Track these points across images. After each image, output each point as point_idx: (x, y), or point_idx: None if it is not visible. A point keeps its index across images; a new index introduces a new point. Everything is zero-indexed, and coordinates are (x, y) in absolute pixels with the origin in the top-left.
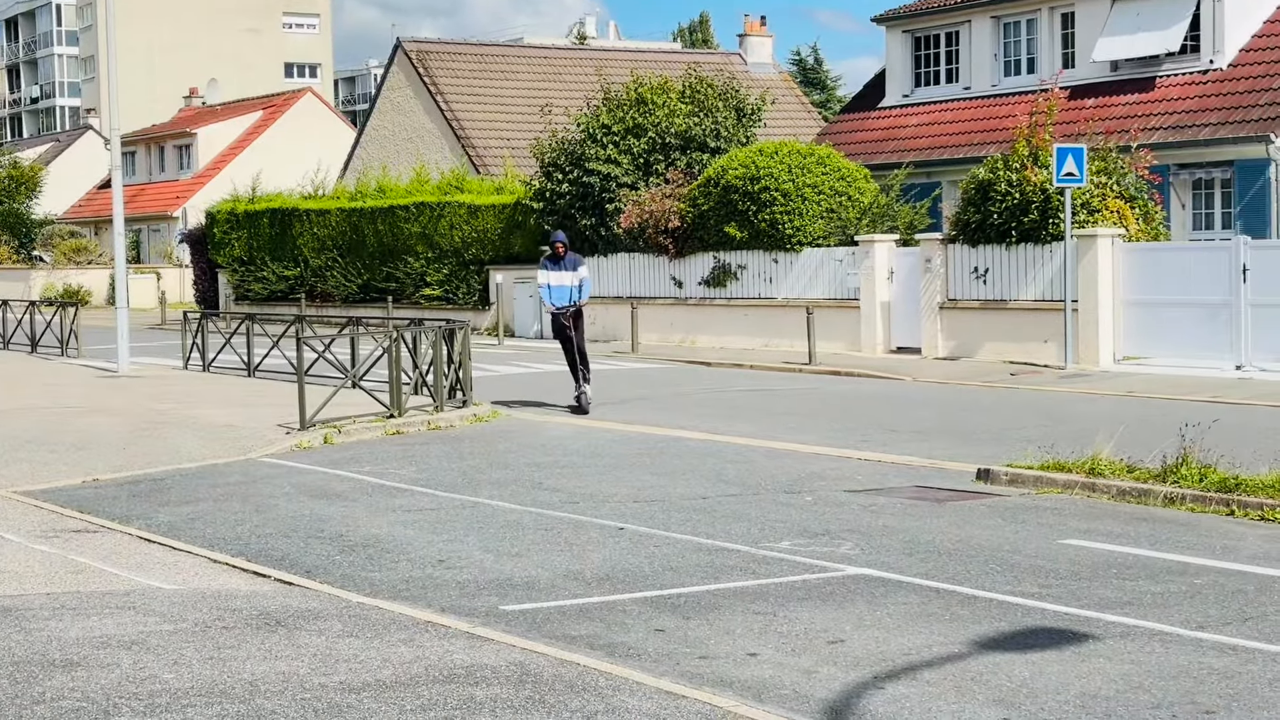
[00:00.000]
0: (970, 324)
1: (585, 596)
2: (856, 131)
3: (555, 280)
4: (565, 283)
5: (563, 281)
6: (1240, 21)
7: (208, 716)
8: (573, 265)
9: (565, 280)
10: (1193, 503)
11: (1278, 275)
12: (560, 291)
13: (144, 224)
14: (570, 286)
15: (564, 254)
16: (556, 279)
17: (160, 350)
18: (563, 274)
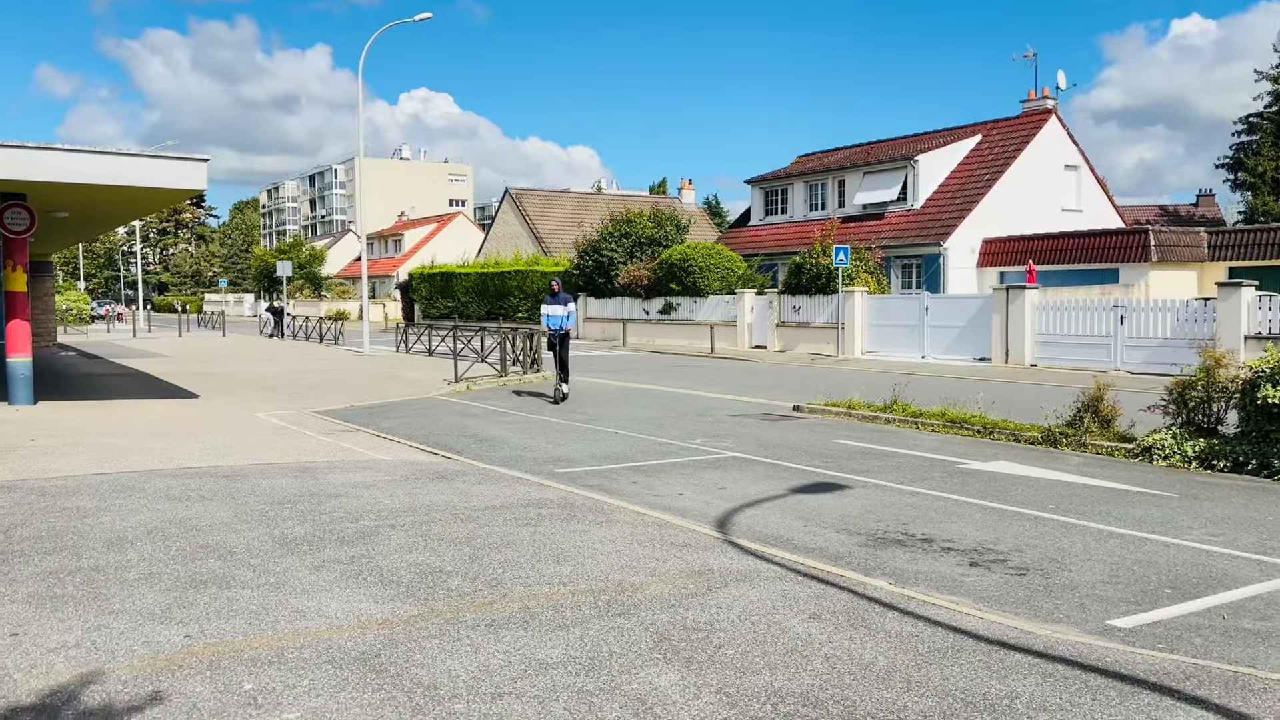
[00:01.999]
0: (791, 334)
1: (597, 466)
2: (736, 238)
3: (550, 311)
4: (557, 313)
5: (555, 312)
6: (929, 184)
7: (407, 520)
8: (564, 301)
9: (558, 311)
10: (899, 423)
11: (942, 312)
12: (553, 319)
13: (377, 279)
14: (561, 316)
15: (558, 292)
16: (551, 310)
17: (385, 342)
18: (556, 307)
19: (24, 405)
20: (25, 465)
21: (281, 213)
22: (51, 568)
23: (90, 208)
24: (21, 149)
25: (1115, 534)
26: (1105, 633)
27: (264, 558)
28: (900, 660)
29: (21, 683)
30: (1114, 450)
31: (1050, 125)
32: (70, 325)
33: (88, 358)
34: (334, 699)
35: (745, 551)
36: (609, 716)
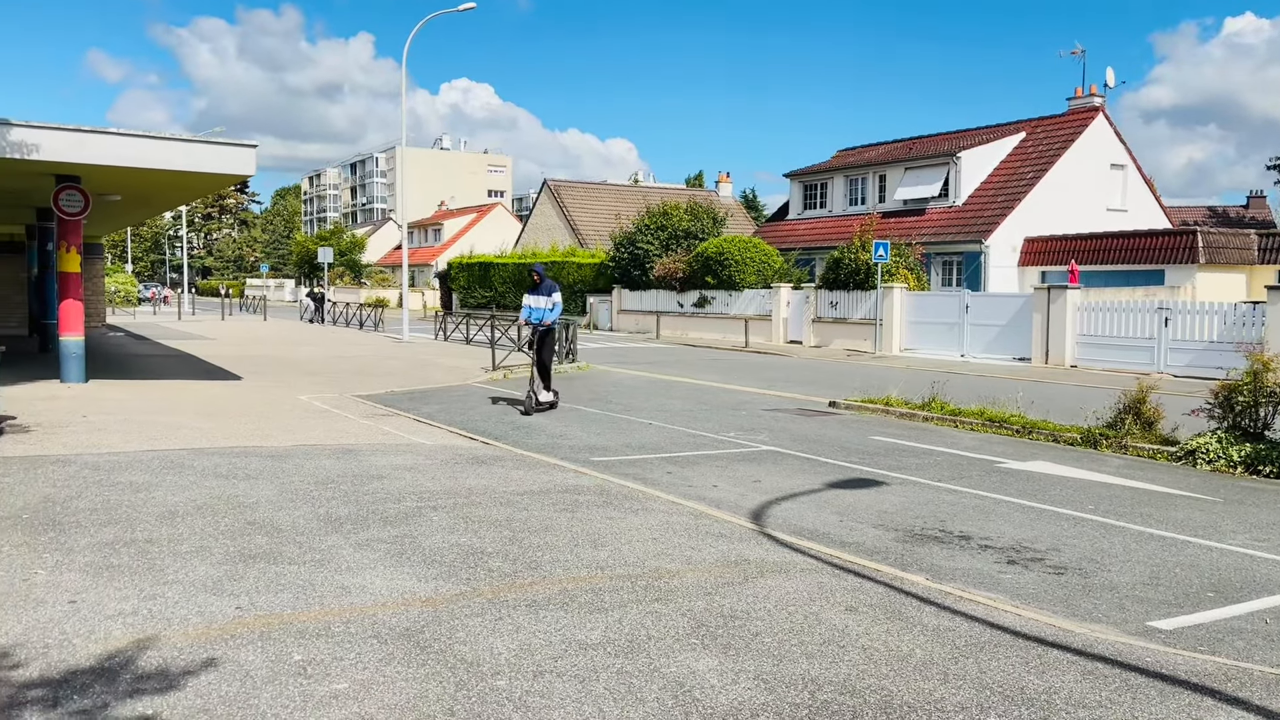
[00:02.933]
0: (827, 330)
1: (632, 455)
2: (773, 232)
3: (533, 303)
4: (540, 305)
5: (537, 303)
6: (971, 181)
7: (448, 502)
8: (548, 291)
9: (540, 303)
10: (937, 420)
11: (982, 310)
12: (535, 311)
13: (416, 267)
14: (543, 308)
15: (540, 281)
16: (534, 301)
17: (424, 330)
18: (538, 298)
19: (76, 383)
20: (79, 441)
21: (323, 200)
22: (107, 539)
23: (141, 191)
24: (78, 132)
25: (1156, 536)
26: (1145, 633)
27: (309, 535)
28: (937, 653)
29: (81, 647)
30: (1156, 453)
31: (1097, 123)
32: (118, 307)
33: (135, 338)
34: (380, 672)
35: (781, 543)
36: (648, 697)
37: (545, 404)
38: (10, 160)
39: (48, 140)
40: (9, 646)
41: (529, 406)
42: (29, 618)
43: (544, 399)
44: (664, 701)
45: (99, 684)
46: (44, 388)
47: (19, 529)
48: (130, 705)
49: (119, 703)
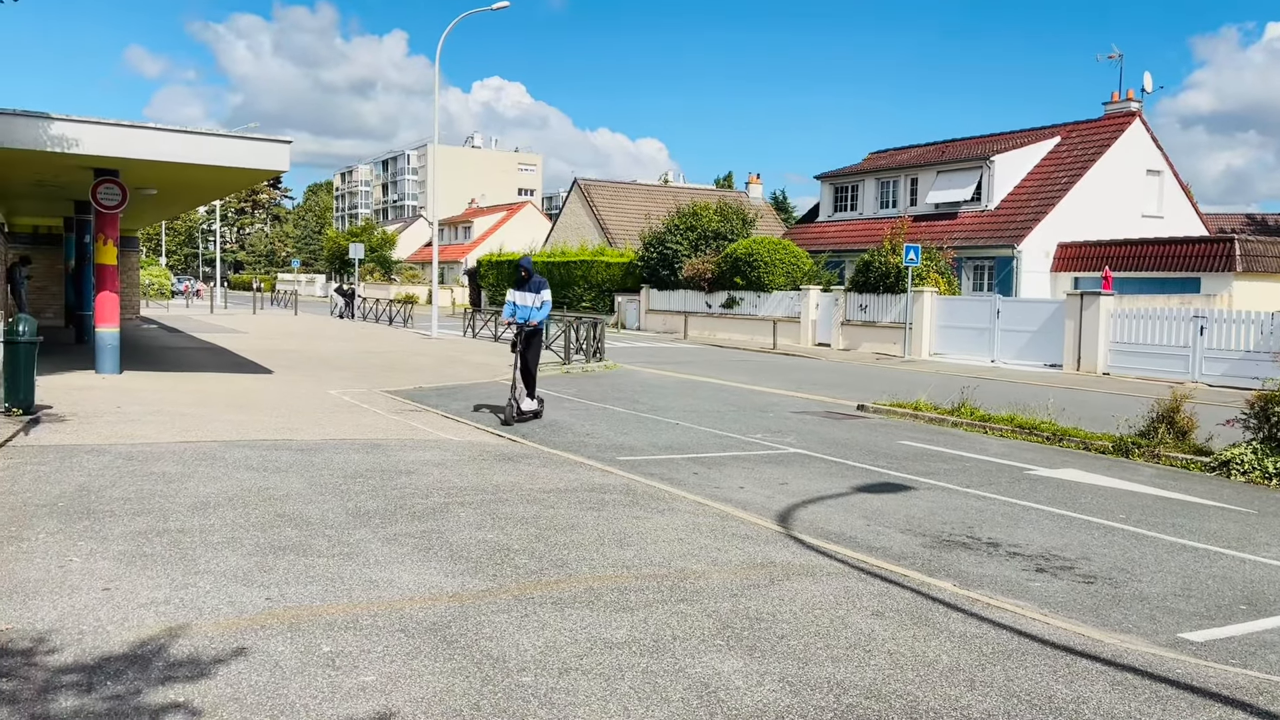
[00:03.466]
0: (856, 333)
1: (659, 455)
2: (803, 234)
3: (519, 299)
4: (527, 303)
5: (525, 301)
6: (1004, 185)
7: (476, 499)
8: (536, 288)
9: (528, 300)
10: (967, 426)
11: (1014, 315)
12: (522, 310)
13: (446, 264)
14: (530, 306)
15: (528, 277)
16: (520, 299)
17: (452, 327)
18: (526, 295)
19: (111, 374)
20: (113, 431)
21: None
22: (140, 528)
23: (177, 185)
24: (117, 127)
25: (1188, 547)
26: (1176, 645)
27: (338, 529)
28: (964, 660)
29: (114, 634)
30: (1189, 463)
31: (1133, 128)
32: (152, 299)
33: (168, 331)
34: (407, 665)
35: (807, 547)
36: (673, 697)
37: (528, 414)
38: (51, 153)
39: (88, 134)
40: (44, 632)
41: (509, 415)
42: (64, 604)
43: (527, 408)
44: (689, 702)
45: (131, 670)
46: (79, 378)
47: (55, 517)
48: (162, 692)
49: (151, 689)
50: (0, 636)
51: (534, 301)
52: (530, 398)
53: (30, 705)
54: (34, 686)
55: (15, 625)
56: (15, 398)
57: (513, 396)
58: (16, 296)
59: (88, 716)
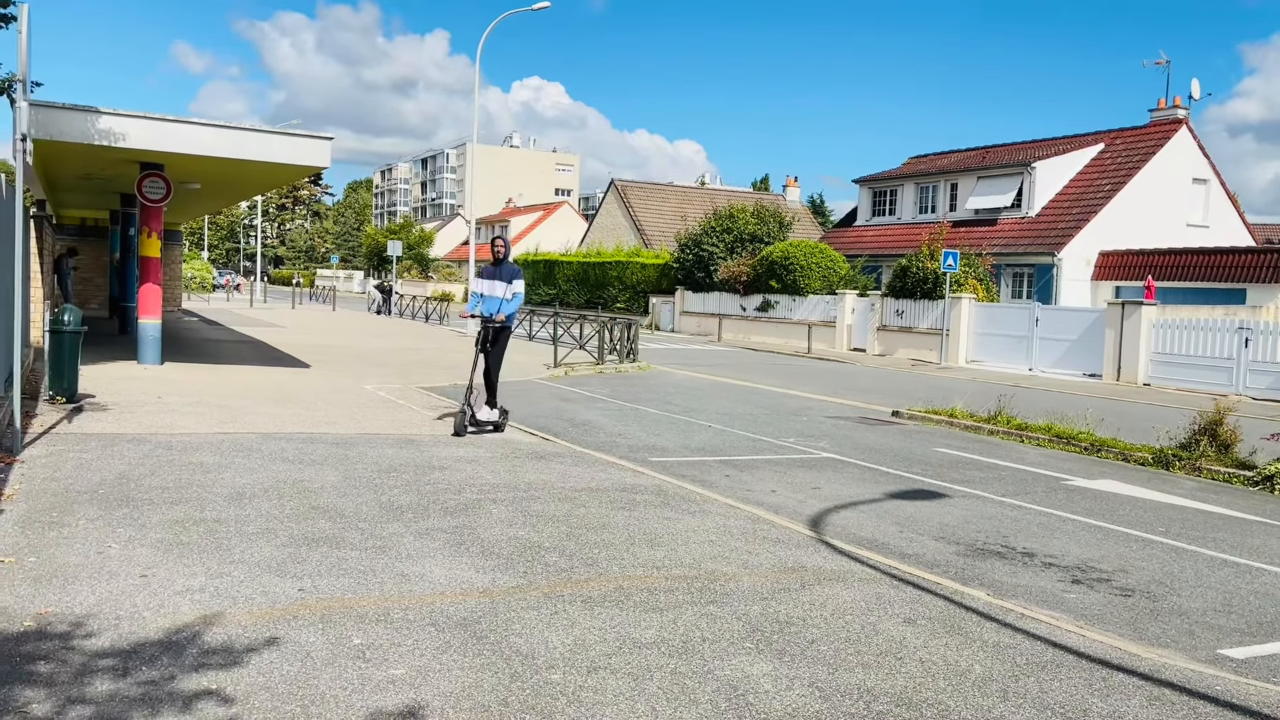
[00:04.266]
0: (892, 338)
1: (690, 457)
2: (840, 238)
3: (486, 289)
4: (496, 292)
5: (494, 291)
6: (1045, 192)
7: (507, 496)
8: (508, 276)
9: (497, 290)
10: (1003, 435)
11: (1053, 323)
12: (490, 301)
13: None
14: (501, 298)
15: (501, 261)
16: (489, 288)
17: None
18: (496, 284)
19: (152, 365)
20: (153, 421)
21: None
22: (178, 517)
23: (221, 180)
24: (163, 121)
25: (1230, 562)
26: (1216, 661)
27: (371, 522)
28: (997, 670)
29: (150, 620)
30: (1231, 477)
31: (1180, 136)
32: (193, 292)
33: (209, 324)
34: (437, 660)
35: (839, 552)
36: (701, 699)
37: (485, 425)
38: (98, 147)
39: (134, 128)
40: (83, 616)
41: (459, 424)
42: (102, 589)
43: (483, 417)
44: (717, 704)
45: (166, 656)
46: (122, 368)
47: (95, 504)
48: (195, 679)
49: (185, 676)
50: (39, 619)
51: (504, 292)
52: (490, 406)
53: (67, 688)
54: (71, 669)
55: (54, 609)
56: (60, 386)
57: (466, 402)
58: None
59: (122, 701)
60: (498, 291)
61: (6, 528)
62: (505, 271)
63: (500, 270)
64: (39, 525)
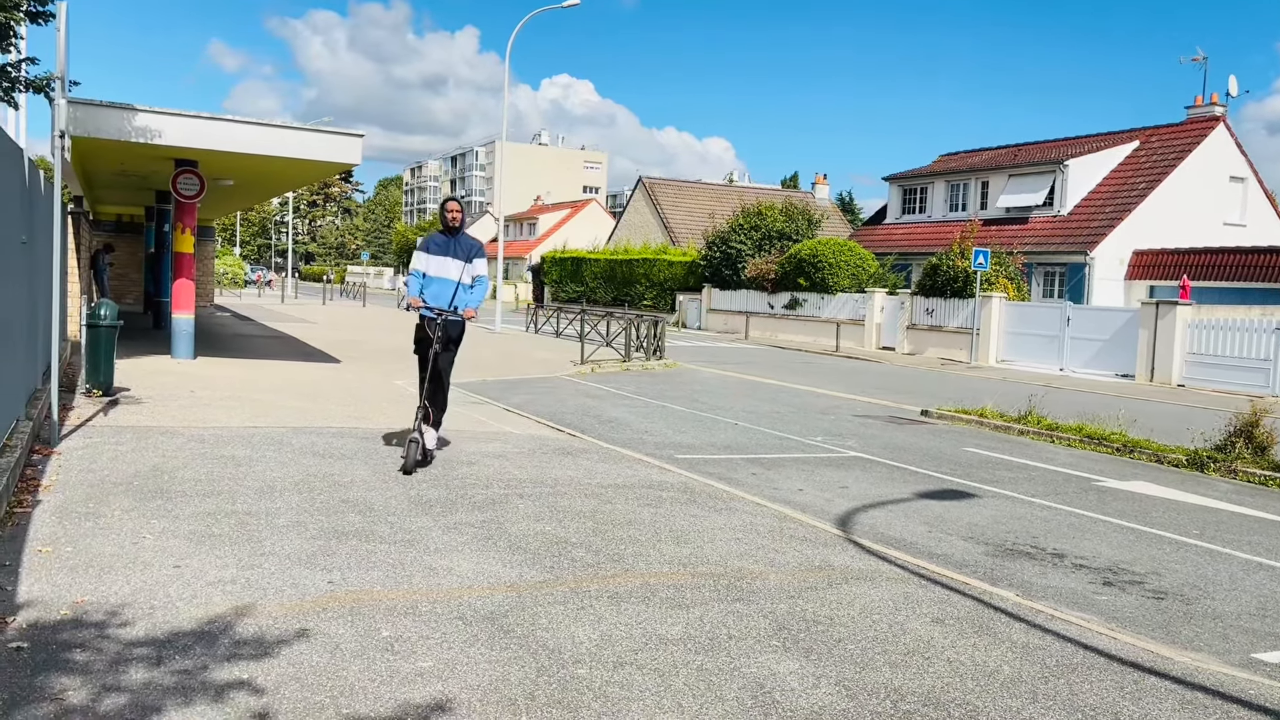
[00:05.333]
0: (922, 337)
1: (717, 454)
2: (869, 236)
3: (435, 268)
4: (448, 274)
5: (445, 272)
6: (1078, 190)
7: (535, 491)
8: (466, 252)
9: (449, 271)
10: (1033, 435)
11: (1085, 323)
12: (439, 286)
13: (510, 260)
14: (454, 281)
15: (458, 227)
16: (437, 266)
17: (515, 322)
18: (447, 261)
19: (185, 359)
20: (186, 414)
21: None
22: (210, 509)
23: (253, 177)
24: (197, 119)
25: (1266, 565)
26: (1250, 665)
27: (400, 516)
28: (1026, 671)
29: (183, 610)
30: (1268, 479)
31: (1217, 133)
32: (226, 288)
33: (241, 319)
34: (464, 653)
35: (867, 551)
36: (728, 696)
37: (430, 455)
38: (134, 144)
39: (169, 125)
40: (118, 605)
41: (409, 463)
42: (136, 579)
43: (430, 444)
44: (743, 701)
45: (199, 646)
46: (155, 362)
47: (130, 495)
48: (227, 669)
49: (217, 665)
50: (75, 608)
51: (461, 274)
52: (434, 425)
53: (102, 676)
54: (106, 658)
55: (89, 598)
56: (96, 379)
57: (417, 428)
58: (99, 282)
59: (157, 689)
60: (450, 272)
61: (44, 518)
62: (462, 246)
63: (455, 244)
64: (75, 516)
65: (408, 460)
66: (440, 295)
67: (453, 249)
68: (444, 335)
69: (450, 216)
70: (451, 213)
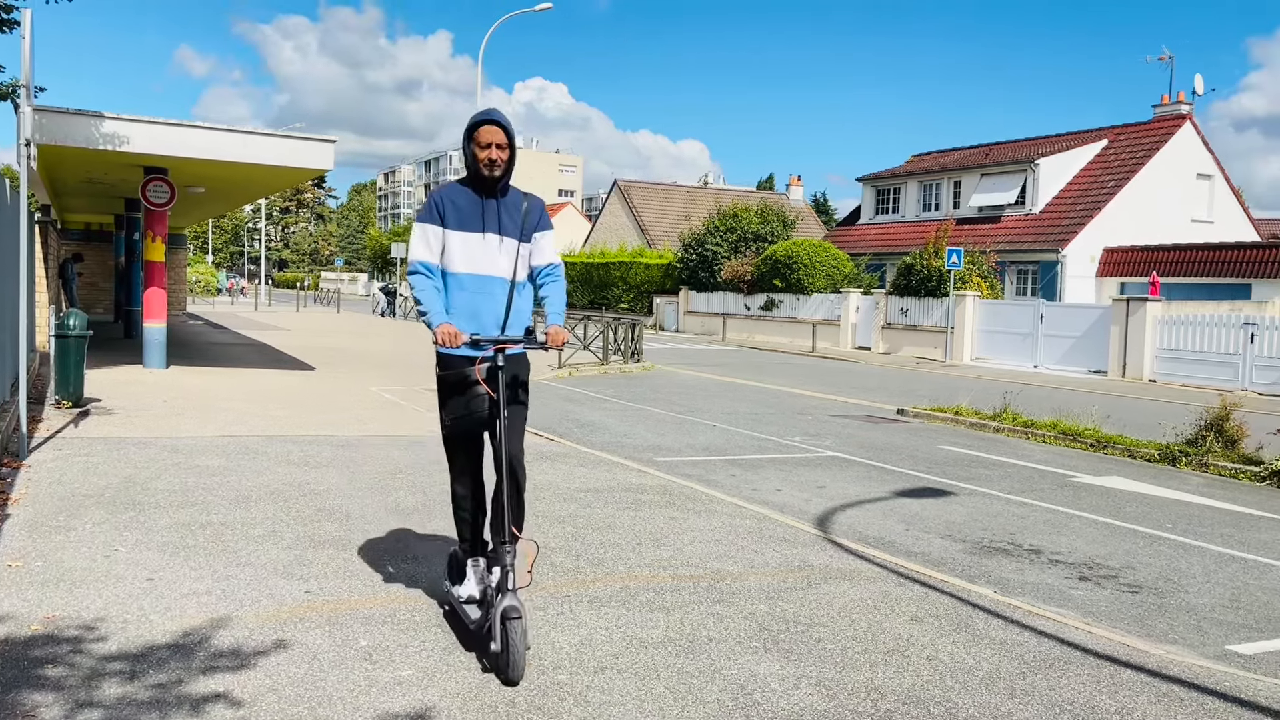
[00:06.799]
0: (897, 336)
1: (695, 456)
2: (844, 237)
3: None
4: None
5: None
6: (1049, 189)
7: None
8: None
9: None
10: (1008, 432)
11: (1058, 320)
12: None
13: None
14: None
15: (500, 177)
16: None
17: None
18: (484, 242)
19: (157, 368)
20: (159, 424)
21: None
22: (184, 520)
23: (224, 184)
24: (166, 125)
25: (1238, 558)
26: (1224, 657)
27: (377, 524)
28: (1004, 667)
29: (158, 623)
30: (1238, 473)
31: (1184, 132)
32: (198, 296)
33: (214, 327)
34: (444, 660)
35: (845, 550)
36: (709, 698)
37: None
38: (103, 151)
39: (138, 132)
40: (92, 620)
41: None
42: (110, 593)
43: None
44: (724, 703)
45: (175, 660)
46: (127, 372)
47: (102, 507)
48: (204, 682)
49: (193, 679)
50: (46, 624)
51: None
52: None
53: (75, 692)
54: (80, 673)
55: (61, 613)
56: (65, 390)
57: (475, 548)
58: (68, 292)
59: (132, 704)
60: (494, 261)
61: (13, 532)
62: (511, 210)
63: (499, 209)
64: (45, 529)
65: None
66: (483, 310)
67: (493, 217)
68: (508, 381)
69: (487, 157)
70: (489, 149)
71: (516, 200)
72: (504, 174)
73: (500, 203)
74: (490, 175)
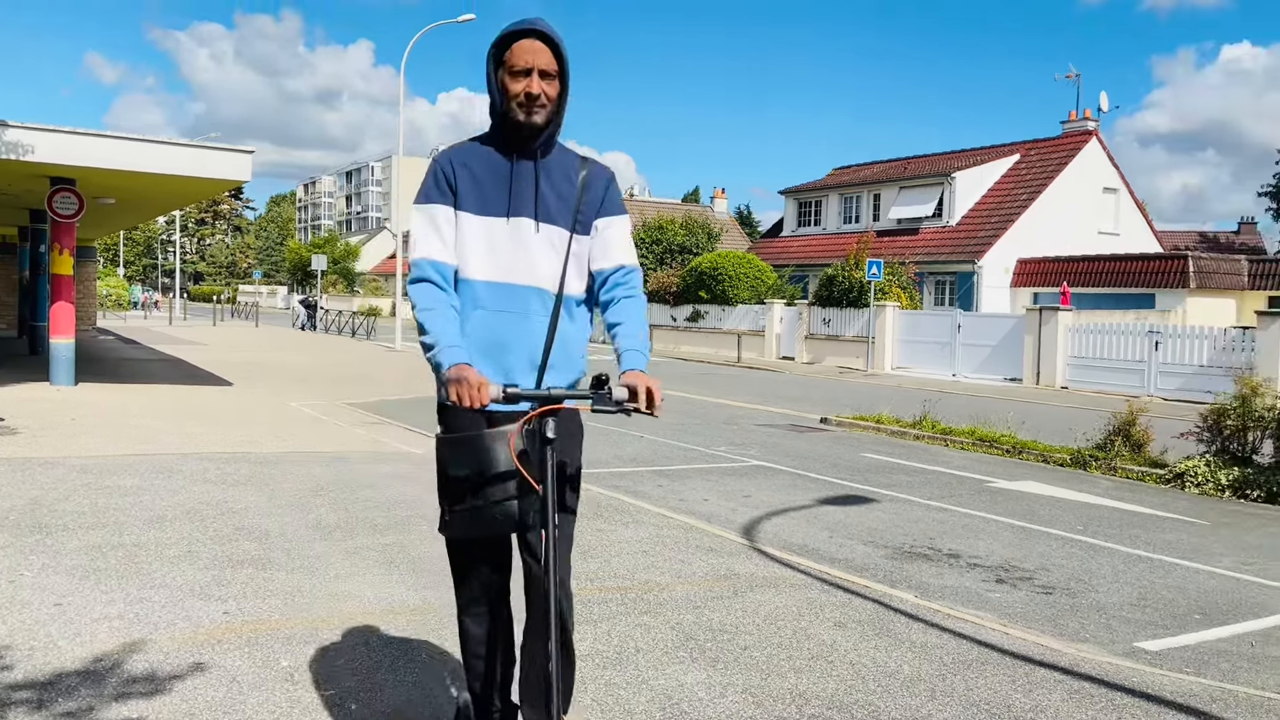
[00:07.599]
0: (820, 346)
1: (623, 468)
2: (768, 249)
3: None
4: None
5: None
6: (965, 201)
7: (437, 511)
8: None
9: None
10: (928, 439)
11: (974, 330)
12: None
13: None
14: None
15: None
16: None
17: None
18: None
19: (66, 386)
20: (67, 444)
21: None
22: (95, 542)
23: (136, 195)
24: (74, 135)
25: (1144, 558)
26: (1132, 654)
27: (298, 542)
28: (925, 670)
29: (67, 650)
30: (1145, 475)
31: (1090, 147)
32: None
33: (126, 342)
34: (369, 679)
35: (771, 558)
36: (636, 709)
37: None
38: (5, 161)
39: (42, 141)
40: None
41: None
42: (14, 619)
43: None
44: (651, 714)
45: (85, 687)
46: (33, 390)
47: (5, 531)
48: (116, 709)
49: (105, 706)
50: None
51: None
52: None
53: None
54: None
55: None
56: None
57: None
58: None
59: None
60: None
61: None
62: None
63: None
64: None
65: None
66: (511, 341)
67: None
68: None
69: (524, 90)
70: (530, 78)
71: (568, 166)
72: (548, 121)
73: (541, 167)
74: (528, 120)
